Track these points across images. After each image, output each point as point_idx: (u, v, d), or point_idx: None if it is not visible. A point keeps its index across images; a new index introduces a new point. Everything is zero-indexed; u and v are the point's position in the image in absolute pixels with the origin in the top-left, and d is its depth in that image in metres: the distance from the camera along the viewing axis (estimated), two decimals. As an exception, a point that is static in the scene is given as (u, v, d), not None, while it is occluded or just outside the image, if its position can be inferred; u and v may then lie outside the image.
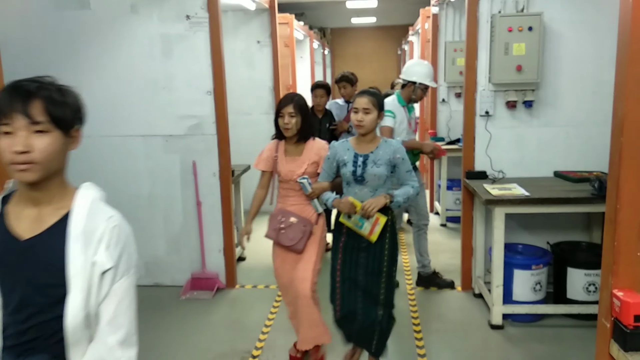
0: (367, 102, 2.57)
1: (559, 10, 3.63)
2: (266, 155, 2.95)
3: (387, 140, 2.65)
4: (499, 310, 3.41)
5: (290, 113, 2.78)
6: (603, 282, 1.78)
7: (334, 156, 2.68)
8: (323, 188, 2.75)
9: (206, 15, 3.85)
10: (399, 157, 2.61)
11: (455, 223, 5.68)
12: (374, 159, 2.60)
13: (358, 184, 2.63)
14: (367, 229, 2.59)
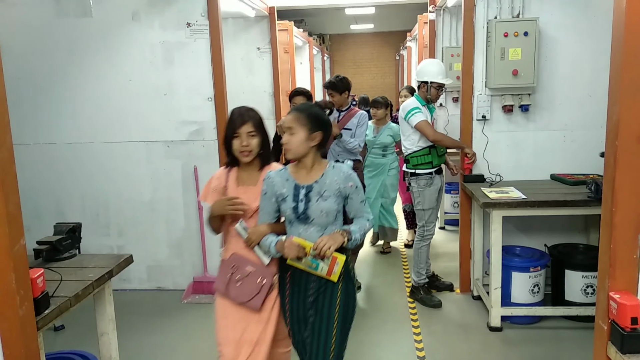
0: (290, 120, 2.09)
1: (554, 15, 3.69)
2: (215, 184, 2.36)
3: (335, 165, 2.17)
4: (498, 312, 3.44)
5: (250, 132, 2.23)
6: (600, 285, 1.78)
7: (271, 189, 2.16)
8: (260, 232, 2.19)
9: (206, 23, 3.90)
10: (351, 185, 2.13)
11: (453, 226, 5.72)
12: (320, 190, 2.11)
13: (302, 223, 2.13)
14: (323, 269, 2.11)
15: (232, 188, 2.31)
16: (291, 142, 2.09)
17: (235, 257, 2.31)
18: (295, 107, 2.19)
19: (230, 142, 2.25)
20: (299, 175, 2.17)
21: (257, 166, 2.31)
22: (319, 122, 2.10)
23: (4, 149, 1.68)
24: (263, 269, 2.27)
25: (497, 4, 3.72)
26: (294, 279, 2.20)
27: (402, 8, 9.81)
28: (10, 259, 1.69)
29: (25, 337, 1.75)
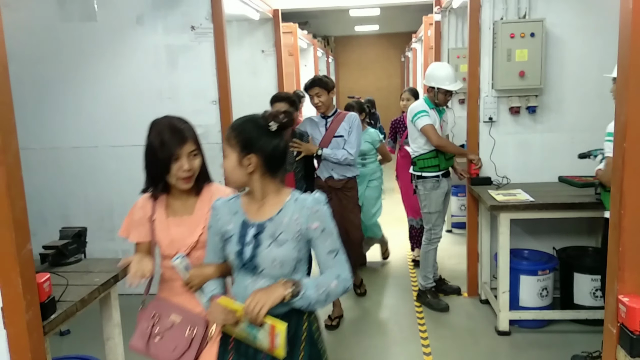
0: (225, 139, 1.67)
1: (561, 15, 3.66)
2: (139, 216, 1.92)
3: (299, 197, 1.65)
4: (506, 316, 3.41)
5: (192, 152, 1.82)
6: (608, 288, 1.77)
7: (216, 223, 1.70)
8: (204, 276, 1.73)
9: (211, 26, 3.90)
10: (316, 227, 1.60)
11: (460, 229, 5.68)
12: (274, 231, 1.61)
13: (250, 274, 1.63)
14: (264, 341, 1.56)
15: (161, 220, 1.87)
16: (225, 168, 1.65)
17: (157, 304, 1.85)
18: (232, 124, 1.68)
19: (164, 168, 1.79)
20: (250, 208, 1.67)
21: (192, 191, 1.85)
22: (249, 143, 1.59)
23: (10, 154, 1.68)
24: (193, 317, 1.80)
25: (503, 4, 3.69)
26: (238, 348, 1.66)
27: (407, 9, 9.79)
28: (16, 263, 1.70)
29: (32, 342, 1.76)
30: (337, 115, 3.54)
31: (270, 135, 1.60)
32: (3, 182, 1.66)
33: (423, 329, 3.56)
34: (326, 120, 3.55)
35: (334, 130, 3.49)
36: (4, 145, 1.66)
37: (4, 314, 1.73)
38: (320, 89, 3.43)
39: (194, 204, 1.87)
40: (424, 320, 3.68)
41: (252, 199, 1.67)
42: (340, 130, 3.47)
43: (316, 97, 3.46)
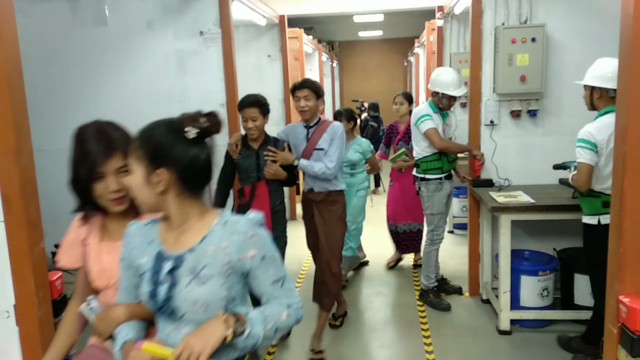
0: (129, 149, 1.36)
1: (562, 21, 3.72)
2: (72, 237, 1.62)
3: (229, 220, 1.33)
4: (507, 316, 3.46)
5: (121, 169, 1.49)
6: (609, 289, 1.78)
7: (129, 254, 1.39)
8: (112, 320, 1.40)
9: (219, 31, 3.98)
10: (253, 255, 1.29)
11: (462, 230, 5.73)
12: (195, 264, 1.29)
13: (169, 320, 1.33)
14: None
15: (93, 244, 1.56)
16: (130, 187, 1.33)
17: (90, 353, 1.52)
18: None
19: (85, 186, 1.48)
20: (167, 236, 1.36)
21: (131, 211, 1.52)
22: (158, 154, 1.27)
23: (25, 155, 1.75)
24: None
25: (504, 10, 3.76)
26: None
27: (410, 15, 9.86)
28: (29, 261, 1.74)
29: (44, 339, 1.79)
30: (320, 125, 3.16)
31: (188, 144, 1.29)
32: (17, 183, 1.72)
33: (425, 327, 3.62)
34: (308, 130, 3.18)
35: (315, 141, 3.13)
36: (18, 148, 1.72)
37: (16, 310, 1.77)
38: (310, 91, 3.09)
39: None
40: (426, 320, 3.74)
41: (172, 226, 1.34)
42: (321, 143, 3.11)
43: (304, 99, 3.09)
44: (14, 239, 1.74)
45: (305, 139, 3.18)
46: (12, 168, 1.71)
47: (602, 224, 2.81)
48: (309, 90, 3.10)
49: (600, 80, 2.84)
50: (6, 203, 1.72)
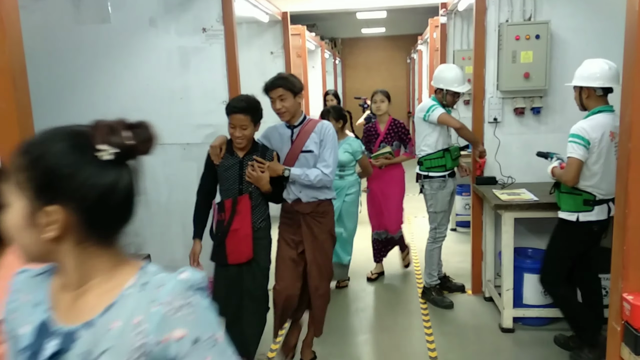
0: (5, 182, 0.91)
1: (566, 18, 3.71)
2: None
3: (150, 280, 0.91)
4: (510, 314, 3.46)
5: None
6: (613, 286, 1.79)
7: (10, 318, 0.98)
8: None
9: (222, 28, 3.98)
10: (181, 336, 0.86)
11: (464, 227, 5.73)
12: (90, 347, 0.86)
13: None
14: None
15: None
16: (6, 227, 0.90)
17: None
18: None
19: None
20: (60, 298, 0.94)
21: None
22: (51, 183, 0.86)
23: (30, 153, 1.76)
24: None
25: (508, 7, 3.75)
26: None
27: (413, 12, 9.84)
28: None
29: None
30: (306, 124, 2.83)
31: (99, 170, 0.87)
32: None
33: (427, 325, 3.62)
34: (292, 130, 2.84)
35: (302, 143, 2.79)
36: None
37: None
38: (284, 90, 2.73)
39: None
40: (428, 317, 3.74)
41: (67, 287, 0.92)
42: (309, 144, 2.78)
43: (279, 100, 2.74)
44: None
45: (290, 140, 2.83)
46: (16, 166, 1.71)
47: (581, 221, 2.87)
48: (283, 89, 2.73)
49: (588, 80, 2.89)
50: (9, 202, 1.73)
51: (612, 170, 2.81)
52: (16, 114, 1.71)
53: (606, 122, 2.86)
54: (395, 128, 4.32)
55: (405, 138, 4.30)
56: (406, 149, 4.30)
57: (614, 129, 2.83)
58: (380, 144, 4.34)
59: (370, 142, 4.41)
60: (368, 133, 4.45)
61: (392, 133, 4.28)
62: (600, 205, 2.87)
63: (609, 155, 2.86)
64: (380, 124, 4.41)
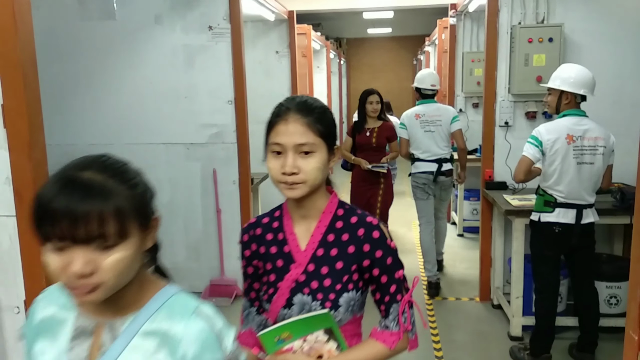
0: None
1: (580, 21, 3.64)
2: None
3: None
4: (519, 322, 3.39)
5: None
6: (631, 294, 1.74)
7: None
8: None
9: (228, 26, 3.92)
10: None
11: (472, 233, 5.66)
12: None
13: None
14: None
15: None
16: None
17: None
18: None
19: None
20: None
21: None
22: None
23: (38, 149, 1.71)
24: None
25: (521, 9, 3.68)
26: None
27: (421, 12, 9.78)
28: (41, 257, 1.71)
29: (52, 336, 1.77)
30: None
31: None
32: (30, 177, 1.69)
33: (435, 332, 3.55)
34: None
35: None
36: (31, 141, 1.69)
37: (27, 306, 1.76)
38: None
39: None
40: (435, 324, 3.67)
41: None
42: None
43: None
44: (26, 234, 1.70)
45: None
46: (25, 162, 1.67)
47: (542, 221, 2.93)
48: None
49: (576, 86, 2.86)
50: (18, 197, 1.69)
51: (571, 174, 2.85)
52: (26, 110, 1.67)
53: (565, 125, 2.88)
54: None
55: None
56: None
57: (572, 132, 2.85)
58: None
59: None
60: None
61: None
62: (564, 209, 2.88)
63: (566, 159, 2.86)
64: None
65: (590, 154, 2.86)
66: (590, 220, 2.90)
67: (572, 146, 2.86)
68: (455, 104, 6.23)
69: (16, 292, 1.73)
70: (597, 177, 2.90)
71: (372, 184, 4.35)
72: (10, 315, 1.74)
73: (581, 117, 2.91)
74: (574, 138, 2.85)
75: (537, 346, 3.07)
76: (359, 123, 4.45)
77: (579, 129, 2.86)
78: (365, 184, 4.38)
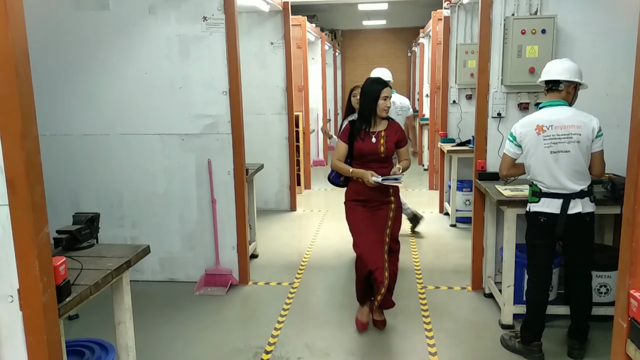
0: None
1: (573, 13, 3.65)
2: None
3: None
4: (510, 310, 3.43)
5: None
6: (620, 283, 1.77)
7: None
8: None
9: (222, 17, 3.91)
10: None
11: (464, 224, 5.71)
12: None
13: None
14: None
15: None
16: None
17: None
18: None
19: None
20: None
21: None
22: None
23: (30, 139, 1.71)
24: None
25: (514, 1, 3.69)
26: None
27: (415, 4, 9.77)
28: (34, 246, 1.72)
29: (48, 324, 1.78)
30: None
31: None
32: (22, 167, 1.68)
33: (427, 320, 3.60)
34: None
35: None
36: (24, 131, 1.68)
37: (20, 295, 1.76)
38: None
39: None
40: (428, 313, 3.72)
41: None
42: None
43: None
44: (19, 223, 1.71)
45: None
46: (18, 152, 1.67)
47: (531, 211, 3.03)
48: None
49: (579, 75, 2.97)
50: (11, 187, 1.69)
51: (548, 163, 2.91)
52: (19, 100, 1.66)
53: (538, 117, 2.97)
54: None
55: None
56: None
57: (542, 122, 2.92)
58: None
59: None
60: None
61: None
62: (548, 198, 2.94)
63: (538, 149, 2.93)
64: None
65: (565, 142, 2.89)
66: (579, 211, 2.90)
67: (542, 136, 2.91)
68: (449, 96, 6.26)
69: (10, 282, 1.74)
70: (579, 165, 2.90)
71: (379, 204, 3.31)
72: (4, 304, 1.75)
73: (558, 107, 2.96)
74: (544, 128, 2.91)
75: (528, 334, 3.12)
76: (360, 125, 3.32)
77: (549, 119, 2.91)
78: (367, 203, 3.33)
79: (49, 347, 1.77)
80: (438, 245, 5.21)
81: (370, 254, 3.25)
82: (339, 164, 3.36)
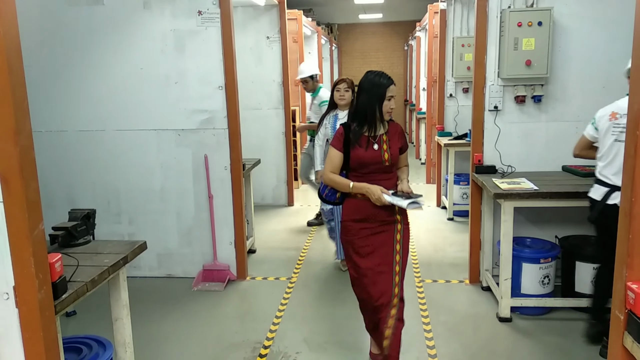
0: None
1: (569, 5, 3.64)
2: None
3: None
4: (507, 303, 3.44)
5: None
6: (617, 275, 1.77)
7: None
8: None
9: (218, 11, 3.89)
10: None
11: (462, 217, 5.72)
12: None
13: None
14: None
15: None
16: None
17: None
18: None
19: None
20: None
21: None
22: None
23: (24, 136, 1.69)
24: None
25: (511, -7, 3.68)
26: None
27: (412, -3, 9.73)
28: (29, 243, 1.71)
29: (44, 321, 1.78)
30: None
31: None
32: (16, 163, 1.67)
33: (425, 314, 3.61)
34: None
35: None
36: (17, 127, 1.67)
37: (16, 292, 1.76)
38: None
39: None
40: (425, 307, 3.73)
41: None
42: None
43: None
44: (13, 220, 1.70)
45: None
46: (12, 148, 1.66)
47: None
48: None
49: None
50: (5, 184, 1.68)
51: (611, 152, 2.91)
52: (11, 96, 1.65)
53: (616, 104, 2.95)
54: None
55: None
56: None
57: (617, 110, 2.91)
58: None
59: None
60: None
61: None
62: (597, 185, 3.00)
63: (606, 136, 2.94)
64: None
65: None
66: (615, 202, 2.78)
67: (612, 123, 2.90)
68: (446, 89, 6.26)
69: (5, 279, 1.73)
70: None
71: (383, 224, 2.69)
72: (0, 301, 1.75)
73: None
74: (617, 115, 2.87)
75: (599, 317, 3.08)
76: (360, 129, 2.65)
77: (624, 107, 2.70)
78: (369, 224, 2.68)
79: (46, 344, 1.76)
80: (435, 238, 5.21)
81: (376, 283, 2.70)
82: (334, 178, 2.66)
